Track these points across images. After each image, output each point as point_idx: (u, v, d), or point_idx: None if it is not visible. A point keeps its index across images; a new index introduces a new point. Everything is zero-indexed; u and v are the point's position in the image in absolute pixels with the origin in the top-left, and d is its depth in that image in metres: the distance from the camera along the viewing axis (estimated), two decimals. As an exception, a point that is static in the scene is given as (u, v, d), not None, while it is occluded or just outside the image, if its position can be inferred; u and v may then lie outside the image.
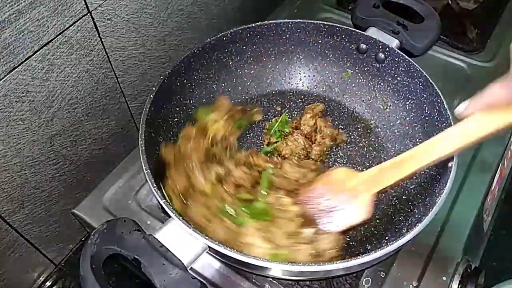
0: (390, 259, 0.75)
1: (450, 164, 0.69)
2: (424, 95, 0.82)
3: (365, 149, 0.88)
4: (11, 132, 0.69)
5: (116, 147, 0.93)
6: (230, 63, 0.92)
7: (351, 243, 0.76)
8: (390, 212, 0.79)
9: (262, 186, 0.74)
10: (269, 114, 0.93)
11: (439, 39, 0.98)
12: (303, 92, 0.97)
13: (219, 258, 0.72)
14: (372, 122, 0.92)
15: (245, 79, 0.95)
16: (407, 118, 0.87)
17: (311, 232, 0.67)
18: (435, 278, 0.73)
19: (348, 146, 0.89)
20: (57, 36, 0.68)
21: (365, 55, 0.90)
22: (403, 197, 0.80)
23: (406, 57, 0.83)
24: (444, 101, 0.76)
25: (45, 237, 0.86)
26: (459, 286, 0.73)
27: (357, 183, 0.68)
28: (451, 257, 0.76)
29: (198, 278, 0.57)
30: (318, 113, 0.90)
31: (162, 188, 0.70)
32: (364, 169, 0.85)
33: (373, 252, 0.60)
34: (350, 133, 0.90)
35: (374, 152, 0.88)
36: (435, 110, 0.78)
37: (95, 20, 0.73)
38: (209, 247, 0.61)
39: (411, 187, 0.80)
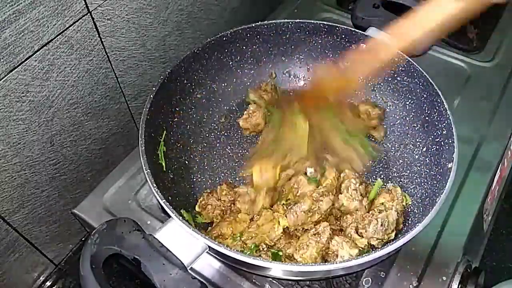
0: (390, 259, 0.75)
1: (450, 165, 0.70)
2: (424, 95, 0.82)
3: (365, 149, 0.88)
4: (11, 132, 0.69)
5: (116, 147, 0.93)
6: (230, 63, 0.92)
7: (351, 243, 0.76)
8: (390, 212, 0.79)
9: None
10: (268, 114, 0.93)
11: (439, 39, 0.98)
12: (303, 92, 0.97)
13: (219, 258, 0.72)
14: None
15: (245, 79, 0.95)
16: (407, 118, 0.87)
17: None
18: (435, 278, 0.73)
19: (348, 146, 0.89)
20: (57, 36, 0.68)
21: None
22: (403, 197, 0.80)
23: (406, 57, 0.83)
24: (444, 101, 0.76)
25: (45, 237, 0.86)
26: (459, 286, 0.73)
27: None
28: (451, 257, 0.76)
29: (198, 278, 0.57)
30: None
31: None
32: (364, 169, 0.85)
33: (373, 252, 0.60)
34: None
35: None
36: (435, 110, 0.78)
37: (95, 20, 0.73)
38: (209, 247, 0.61)
39: (411, 187, 0.80)
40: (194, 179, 0.83)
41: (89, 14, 0.71)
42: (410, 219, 0.75)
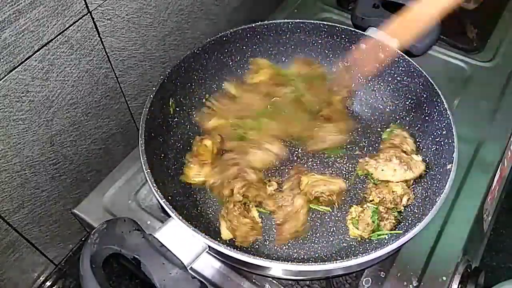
0: (390, 259, 0.75)
1: (449, 165, 0.70)
2: (424, 95, 0.82)
3: (365, 149, 0.88)
4: (11, 132, 0.69)
5: (116, 147, 0.93)
6: (230, 63, 0.92)
7: (351, 243, 0.76)
8: (390, 212, 0.79)
9: None
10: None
11: (439, 39, 0.98)
12: (303, 92, 0.97)
13: (219, 258, 0.73)
14: (372, 122, 0.92)
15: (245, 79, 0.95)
16: (407, 118, 0.87)
17: None
18: (435, 278, 0.73)
19: (348, 146, 0.88)
20: (57, 36, 0.68)
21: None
22: (403, 197, 0.80)
23: (406, 57, 0.83)
24: (444, 101, 0.76)
25: (45, 237, 0.86)
26: (459, 286, 0.73)
27: None
28: (451, 257, 0.76)
29: (198, 278, 0.57)
30: None
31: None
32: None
33: (373, 252, 0.60)
34: (350, 133, 0.90)
35: (374, 152, 0.87)
36: (435, 110, 0.78)
37: (95, 20, 0.73)
38: (209, 246, 0.61)
39: (411, 187, 0.80)
40: (194, 179, 0.83)
41: (89, 14, 0.71)
42: (410, 219, 0.75)
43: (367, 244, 0.74)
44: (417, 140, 0.84)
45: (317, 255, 0.74)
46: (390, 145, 0.83)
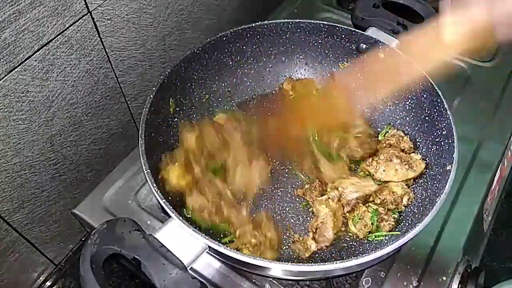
0: (390, 259, 0.75)
1: (449, 167, 0.69)
2: (424, 95, 0.81)
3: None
4: (11, 132, 0.69)
5: (116, 147, 0.93)
6: (230, 63, 0.92)
7: (351, 243, 0.76)
8: (390, 212, 0.79)
9: None
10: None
11: (439, 39, 0.98)
12: (303, 92, 0.97)
13: (219, 258, 0.73)
14: (372, 122, 0.92)
15: (245, 79, 0.95)
16: (407, 118, 0.87)
17: None
18: (435, 278, 0.73)
19: (348, 146, 0.88)
20: (57, 36, 0.68)
21: (365, 55, 0.90)
22: (403, 197, 0.80)
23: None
24: (444, 101, 0.76)
25: (45, 237, 0.86)
26: (459, 286, 0.73)
27: None
28: (451, 257, 0.76)
29: (198, 278, 0.57)
30: None
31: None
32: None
33: (373, 252, 0.60)
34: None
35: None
36: (435, 110, 0.78)
37: (95, 20, 0.73)
38: (209, 247, 0.61)
39: (411, 187, 0.80)
40: (194, 179, 0.83)
41: (89, 14, 0.71)
42: (410, 219, 0.75)
43: (367, 245, 0.74)
44: (417, 140, 0.84)
45: (317, 255, 0.75)
46: (387, 145, 0.84)
